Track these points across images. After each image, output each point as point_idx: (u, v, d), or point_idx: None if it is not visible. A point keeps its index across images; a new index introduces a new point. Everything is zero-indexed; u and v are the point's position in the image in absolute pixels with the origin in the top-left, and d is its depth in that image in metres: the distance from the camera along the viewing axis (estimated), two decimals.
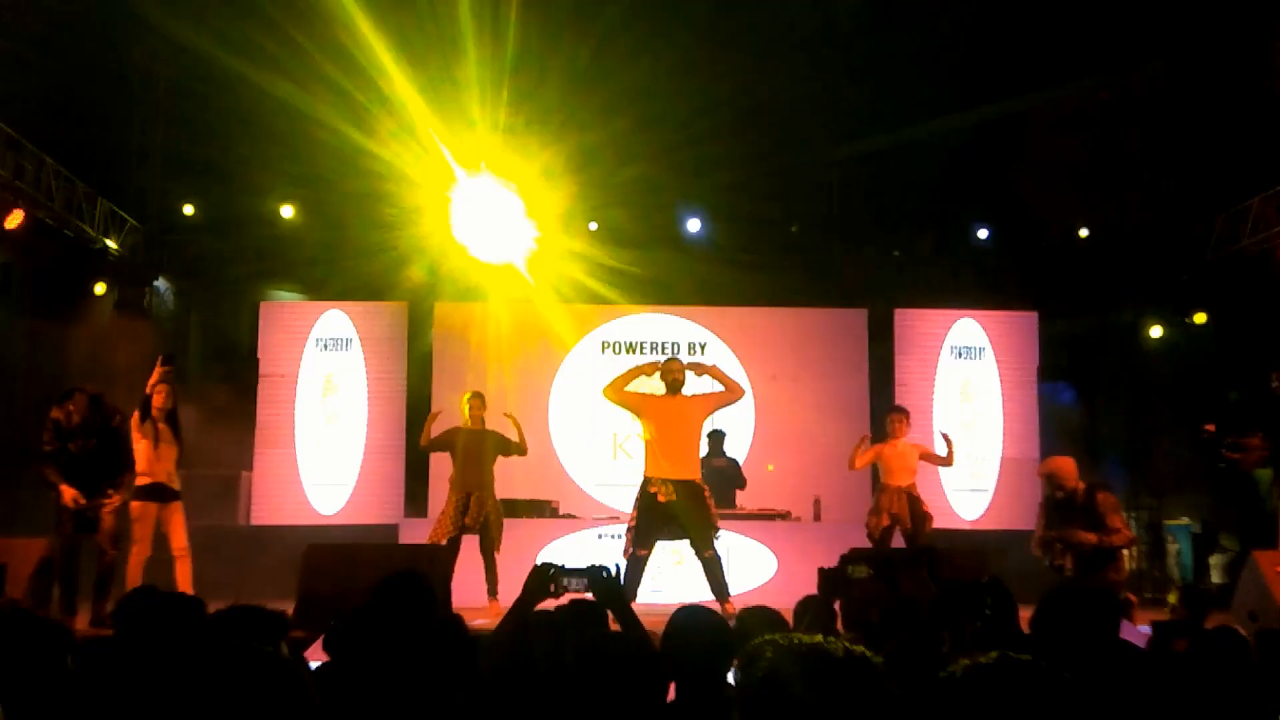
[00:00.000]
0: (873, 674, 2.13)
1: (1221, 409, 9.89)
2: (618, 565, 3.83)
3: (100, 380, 11.30)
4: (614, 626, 3.69)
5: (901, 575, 4.37)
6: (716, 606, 7.97)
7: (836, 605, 4.84)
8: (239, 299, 12.42)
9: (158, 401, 8.24)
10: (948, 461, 9.43)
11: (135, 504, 8.08)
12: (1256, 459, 7.96)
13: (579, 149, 11.02)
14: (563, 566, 3.71)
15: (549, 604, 3.82)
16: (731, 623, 3.76)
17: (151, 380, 8.25)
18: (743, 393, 8.54)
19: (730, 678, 3.10)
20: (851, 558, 5.16)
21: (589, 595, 3.82)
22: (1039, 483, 11.37)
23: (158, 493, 8.18)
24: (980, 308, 12.28)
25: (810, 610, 4.70)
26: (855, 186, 12.32)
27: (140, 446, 8.15)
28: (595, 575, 3.76)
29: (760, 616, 4.01)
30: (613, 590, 3.74)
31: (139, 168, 11.86)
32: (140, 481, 8.12)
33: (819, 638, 2.17)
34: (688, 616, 3.30)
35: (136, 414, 8.19)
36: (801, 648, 2.14)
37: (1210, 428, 8.93)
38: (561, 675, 2.85)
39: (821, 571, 4.05)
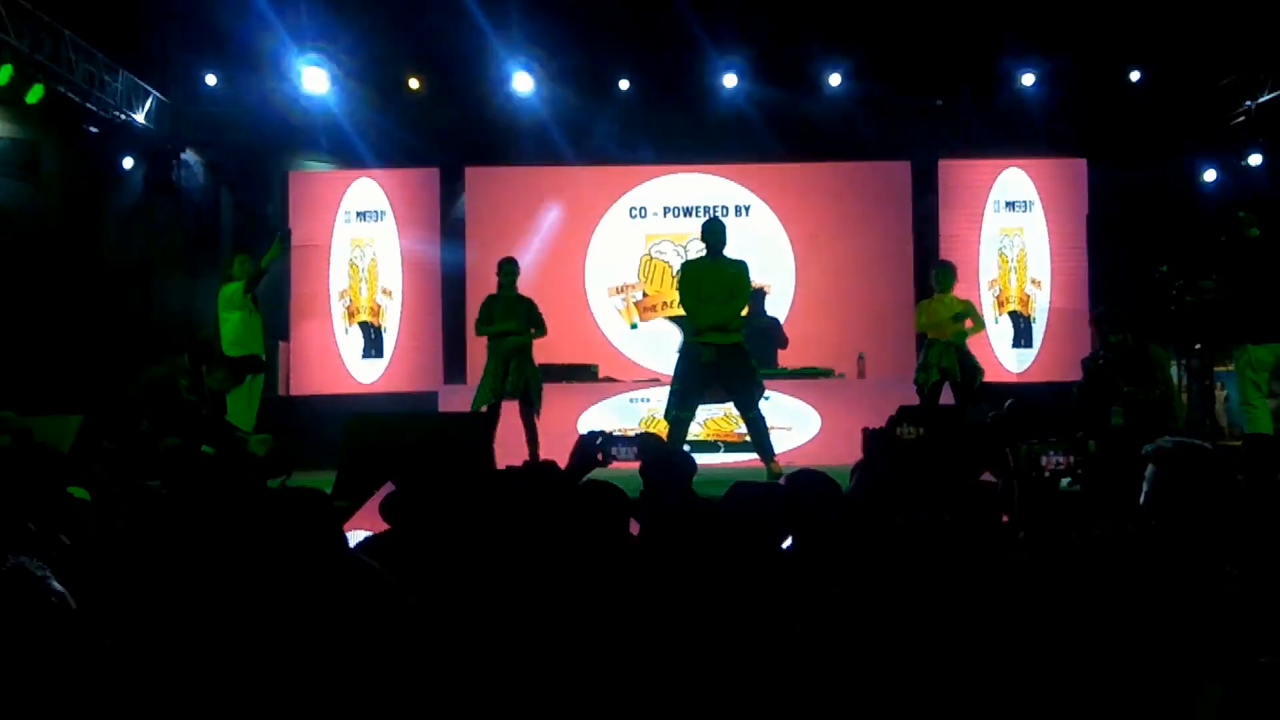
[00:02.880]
0: None
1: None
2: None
3: (134, 254, 11.37)
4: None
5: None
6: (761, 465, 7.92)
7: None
8: (268, 170, 12.22)
9: (243, 275, 8.26)
10: (979, 327, 9.22)
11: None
12: (1208, 303, 7.74)
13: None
14: (611, 434, 3.66)
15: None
16: (780, 481, 3.69)
17: (268, 254, 8.27)
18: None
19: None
20: (899, 418, 5.02)
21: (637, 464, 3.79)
22: (1088, 335, 11.27)
23: (253, 364, 8.20)
24: (1026, 156, 11.87)
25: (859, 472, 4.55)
26: (894, 32, 11.80)
27: (234, 319, 8.17)
28: (645, 443, 3.71)
29: (810, 478, 3.93)
30: (661, 458, 3.67)
31: (159, 37, 11.54)
32: (236, 354, 8.15)
33: None
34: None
35: (236, 287, 8.18)
36: None
37: (1165, 268, 8.70)
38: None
39: (866, 433, 3.89)
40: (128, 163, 11.12)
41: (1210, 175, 11.56)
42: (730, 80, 11.45)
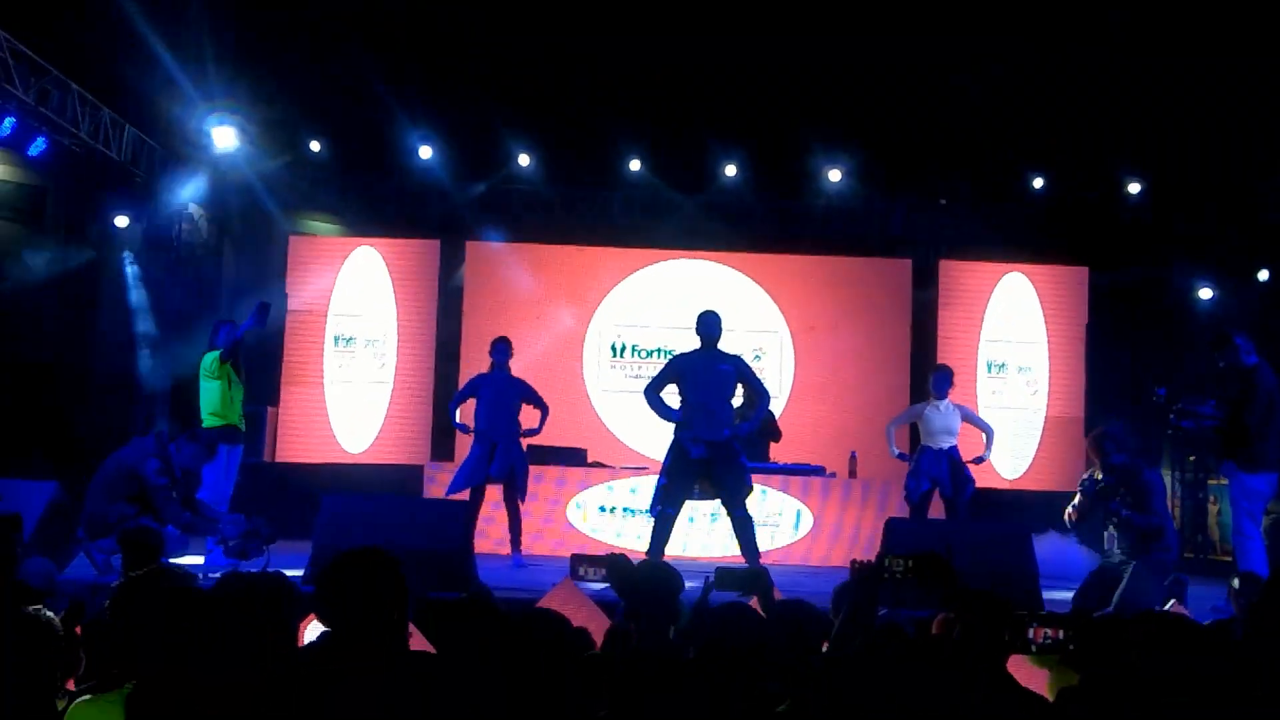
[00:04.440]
0: None
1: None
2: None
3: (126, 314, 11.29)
4: None
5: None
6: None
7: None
8: (271, 231, 12.20)
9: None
10: (984, 428, 9.12)
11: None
12: (1205, 429, 7.66)
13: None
14: (720, 571, 3.74)
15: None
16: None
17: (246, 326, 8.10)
18: (769, 399, 8.26)
19: None
20: (888, 551, 4.92)
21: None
22: (1082, 445, 11.17)
23: (230, 435, 8.04)
24: (1028, 261, 11.87)
25: (845, 599, 4.43)
26: (902, 131, 11.84)
27: (213, 388, 8.01)
28: (614, 565, 3.73)
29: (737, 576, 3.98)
30: (643, 585, 3.64)
31: (168, 96, 11.56)
32: (214, 423, 7.99)
33: None
34: None
35: (215, 356, 8.01)
36: None
37: (1161, 390, 8.66)
38: None
39: (854, 565, 3.78)
40: (121, 220, 11.00)
41: (1206, 293, 11.52)
42: (732, 170, 11.49)
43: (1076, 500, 7.08)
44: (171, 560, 6.51)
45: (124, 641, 2.87)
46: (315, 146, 11.68)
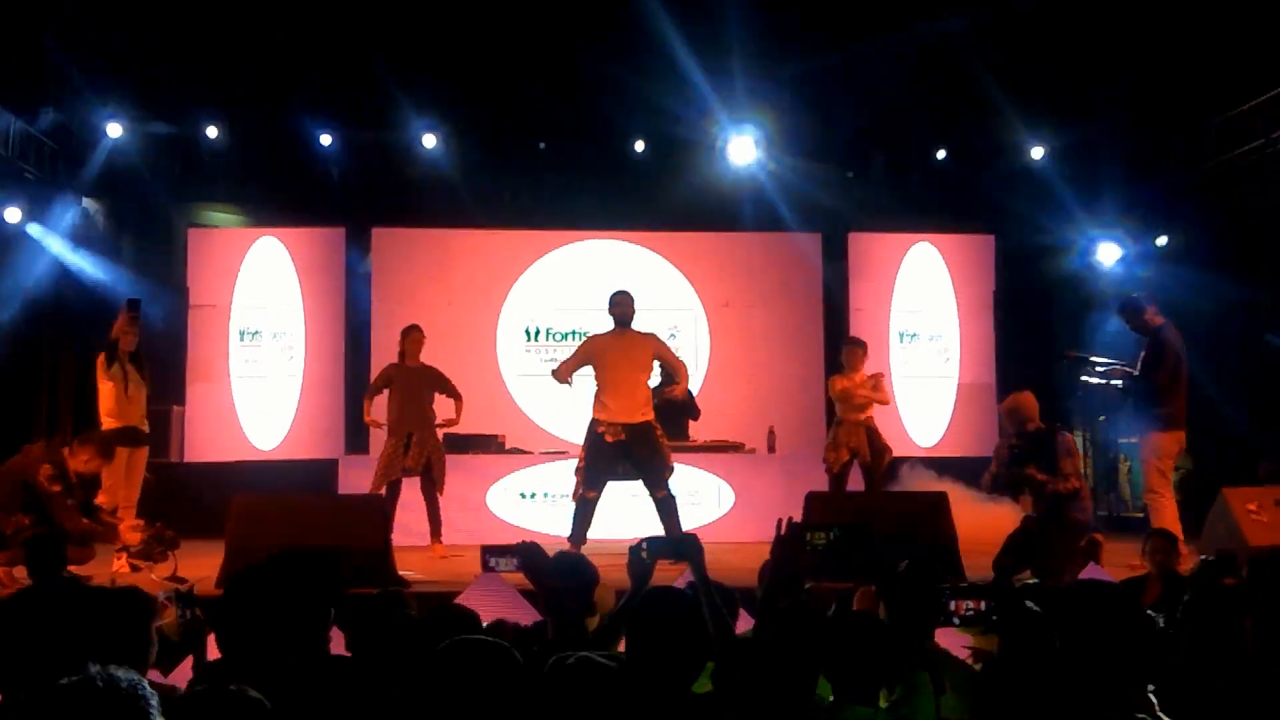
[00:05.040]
0: None
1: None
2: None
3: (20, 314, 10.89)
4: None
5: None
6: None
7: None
8: (169, 223, 11.85)
9: (125, 343, 7.82)
10: (884, 400, 9.15)
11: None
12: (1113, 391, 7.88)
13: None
14: (649, 541, 3.65)
15: None
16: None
17: (118, 325, 7.82)
18: (687, 379, 8.24)
19: None
20: (809, 525, 4.91)
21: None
22: (994, 410, 11.33)
23: (130, 436, 7.77)
24: (936, 230, 11.98)
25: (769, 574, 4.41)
26: (810, 104, 11.86)
27: (107, 389, 7.74)
28: (526, 553, 3.69)
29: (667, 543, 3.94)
30: (561, 572, 3.59)
31: (56, 86, 11.15)
32: (110, 425, 7.71)
33: None
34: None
35: (102, 357, 7.74)
36: None
37: (1071, 354, 8.87)
38: None
39: (778, 538, 3.71)
40: (12, 214, 10.57)
41: (1111, 253, 11.70)
42: (641, 145, 11.42)
43: (993, 467, 7.16)
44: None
45: None
46: (212, 133, 11.36)
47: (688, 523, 8.23)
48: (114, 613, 2.89)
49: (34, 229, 10.71)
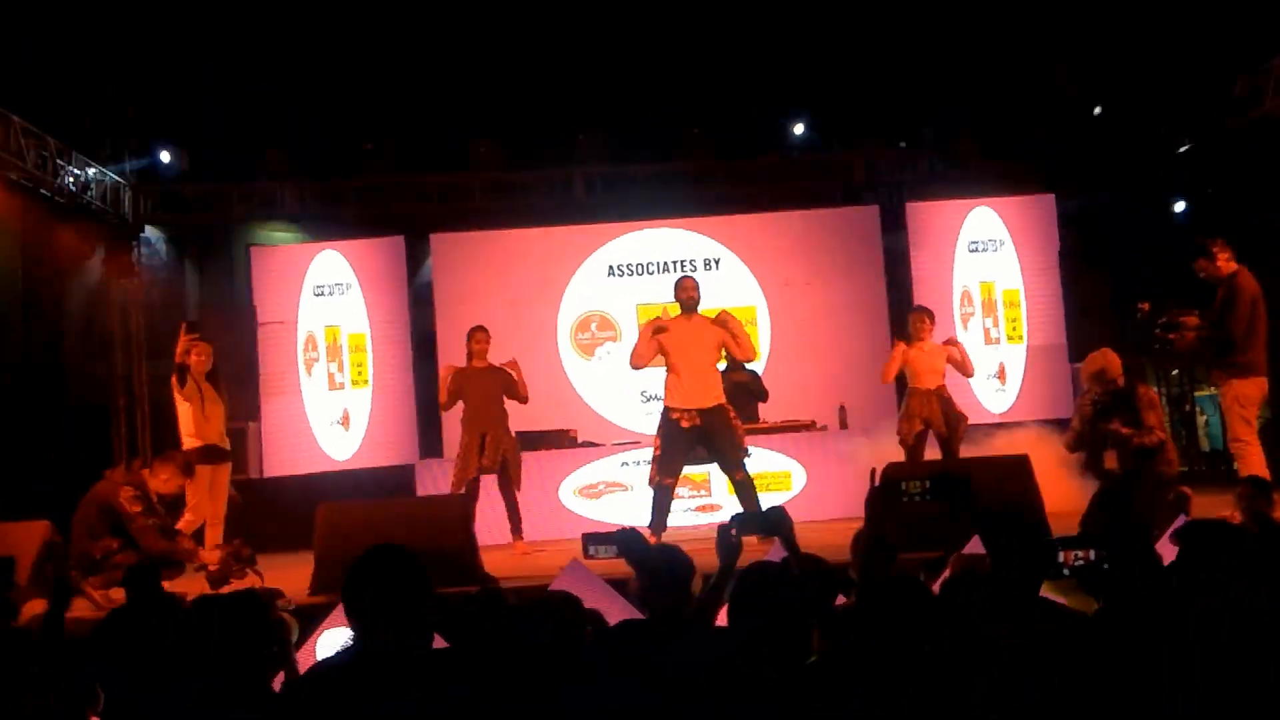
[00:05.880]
0: None
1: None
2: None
3: (95, 343, 11.14)
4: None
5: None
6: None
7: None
8: (232, 244, 12.06)
9: (198, 363, 7.93)
10: (966, 370, 9.06)
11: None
12: (1191, 339, 7.60)
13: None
14: (737, 518, 3.67)
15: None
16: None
17: (179, 348, 7.93)
18: (756, 356, 8.20)
19: None
20: (901, 473, 4.84)
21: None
22: (1067, 370, 11.19)
23: (211, 454, 7.91)
24: (994, 194, 11.82)
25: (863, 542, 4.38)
26: (855, 77, 11.79)
27: (185, 410, 7.88)
28: (627, 542, 3.70)
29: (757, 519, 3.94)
30: (655, 566, 3.61)
31: (113, 120, 11.38)
32: (191, 444, 7.85)
33: None
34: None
35: (174, 379, 7.89)
36: None
37: (1145, 306, 8.65)
38: None
39: (872, 490, 3.62)
40: (86, 248, 10.82)
41: (1180, 206, 11.51)
42: (690, 135, 11.43)
43: (1074, 424, 7.08)
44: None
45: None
46: (269, 156, 11.58)
47: (764, 503, 8.22)
48: (239, 615, 2.95)
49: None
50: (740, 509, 7.72)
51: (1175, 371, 11.85)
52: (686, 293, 7.87)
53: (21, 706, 2.71)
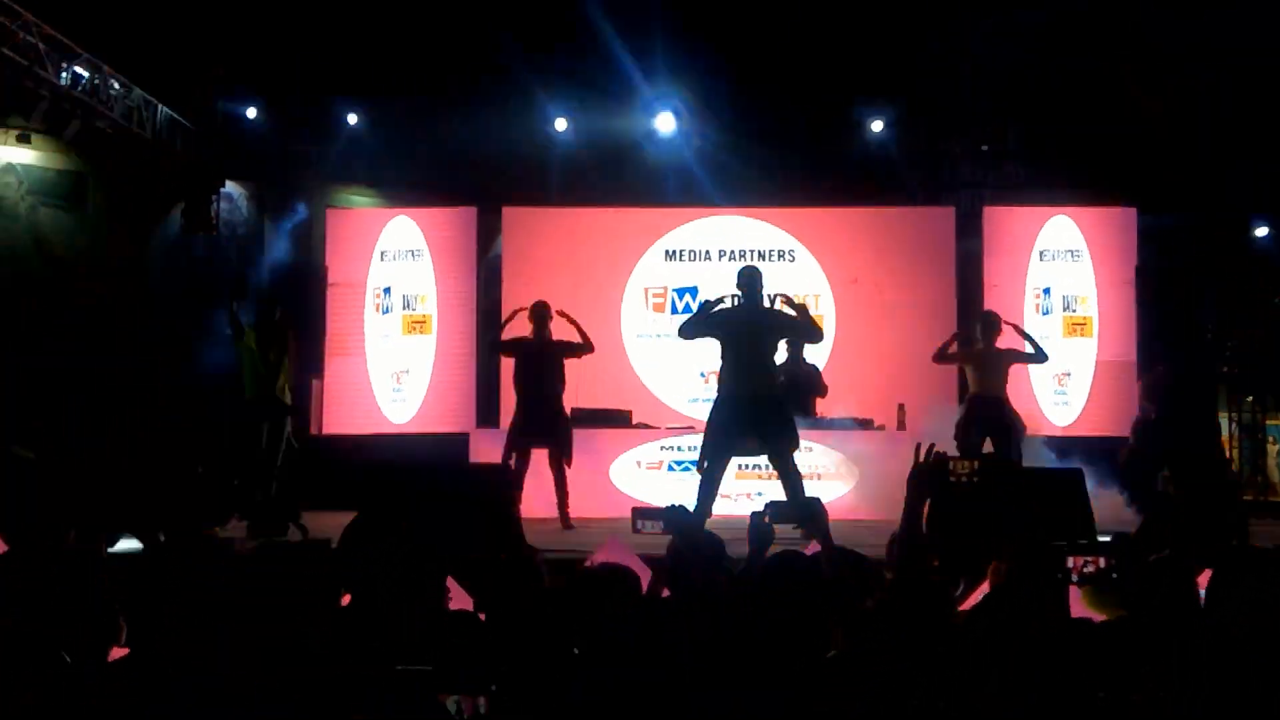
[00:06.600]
0: None
1: None
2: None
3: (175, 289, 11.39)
4: None
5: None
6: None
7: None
8: (309, 204, 12.24)
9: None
10: (1038, 358, 8.92)
11: None
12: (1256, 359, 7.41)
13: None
14: (771, 505, 3.68)
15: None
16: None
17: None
18: (822, 336, 8.05)
19: None
20: (949, 456, 4.76)
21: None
22: (1134, 389, 10.96)
23: (260, 408, 8.18)
24: (1074, 203, 11.60)
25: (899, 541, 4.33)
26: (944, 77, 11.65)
27: (246, 370, 8.16)
28: (671, 518, 3.71)
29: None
30: (687, 542, 3.59)
31: (199, 72, 11.58)
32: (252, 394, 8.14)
33: None
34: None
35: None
36: None
37: (1210, 332, 8.40)
38: None
39: (916, 467, 3.41)
40: (169, 200, 11.05)
41: (1262, 231, 11.22)
42: (770, 123, 11.36)
43: (1131, 442, 6.96)
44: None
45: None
46: (352, 119, 11.75)
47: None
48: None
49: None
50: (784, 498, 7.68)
51: (1249, 399, 11.58)
52: (749, 283, 7.81)
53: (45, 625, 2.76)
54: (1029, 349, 8.93)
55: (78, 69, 9.53)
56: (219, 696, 2.41)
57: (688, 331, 7.65)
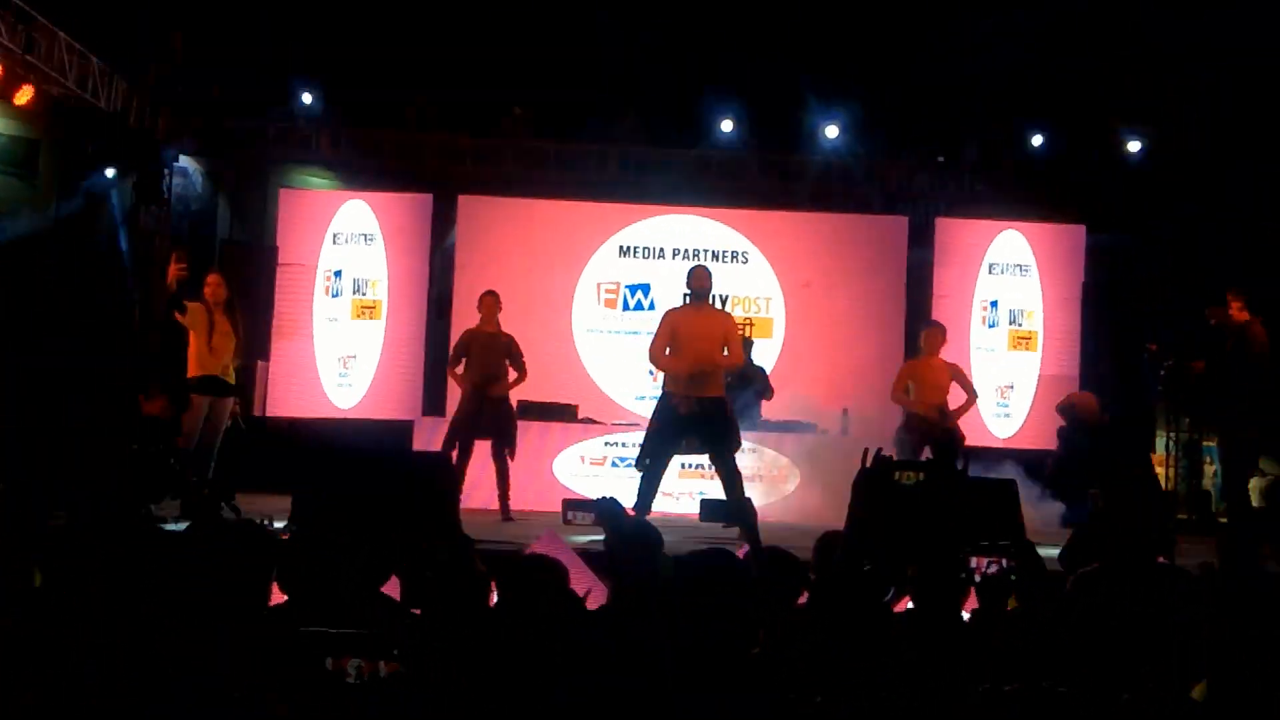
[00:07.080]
0: None
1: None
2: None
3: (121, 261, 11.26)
4: None
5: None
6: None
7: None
8: (263, 183, 12.13)
9: (212, 294, 7.90)
10: (971, 391, 9.06)
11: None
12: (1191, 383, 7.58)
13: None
14: (704, 503, 3.69)
15: None
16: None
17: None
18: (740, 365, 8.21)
19: None
20: (894, 462, 4.76)
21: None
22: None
23: (210, 385, 7.91)
24: (1025, 218, 11.75)
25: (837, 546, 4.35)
26: (901, 88, 11.76)
27: (191, 338, 7.84)
28: (603, 509, 3.73)
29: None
30: (624, 535, 3.62)
31: (158, 45, 11.44)
32: (192, 374, 7.83)
33: None
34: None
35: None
36: None
37: (1153, 347, 8.59)
38: None
39: (860, 473, 3.37)
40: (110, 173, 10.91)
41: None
42: (728, 125, 11.41)
43: (1058, 451, 7.07)
44: None
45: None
46: (307, 99, 11.63)
47: (754, 501, 8.21)
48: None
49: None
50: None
51: (1187, 419, 11.77)
52: (699, 282, 7.85)
53: None
54: (966, 383, 9.07)
55: (33, 35, 9.39)
56: (219, 696, 2.42)
57: (656, 357, 7.75)
